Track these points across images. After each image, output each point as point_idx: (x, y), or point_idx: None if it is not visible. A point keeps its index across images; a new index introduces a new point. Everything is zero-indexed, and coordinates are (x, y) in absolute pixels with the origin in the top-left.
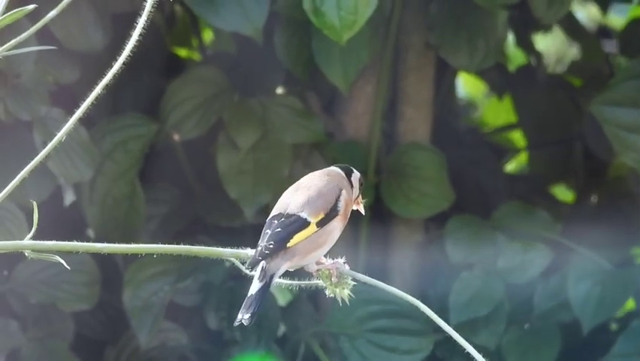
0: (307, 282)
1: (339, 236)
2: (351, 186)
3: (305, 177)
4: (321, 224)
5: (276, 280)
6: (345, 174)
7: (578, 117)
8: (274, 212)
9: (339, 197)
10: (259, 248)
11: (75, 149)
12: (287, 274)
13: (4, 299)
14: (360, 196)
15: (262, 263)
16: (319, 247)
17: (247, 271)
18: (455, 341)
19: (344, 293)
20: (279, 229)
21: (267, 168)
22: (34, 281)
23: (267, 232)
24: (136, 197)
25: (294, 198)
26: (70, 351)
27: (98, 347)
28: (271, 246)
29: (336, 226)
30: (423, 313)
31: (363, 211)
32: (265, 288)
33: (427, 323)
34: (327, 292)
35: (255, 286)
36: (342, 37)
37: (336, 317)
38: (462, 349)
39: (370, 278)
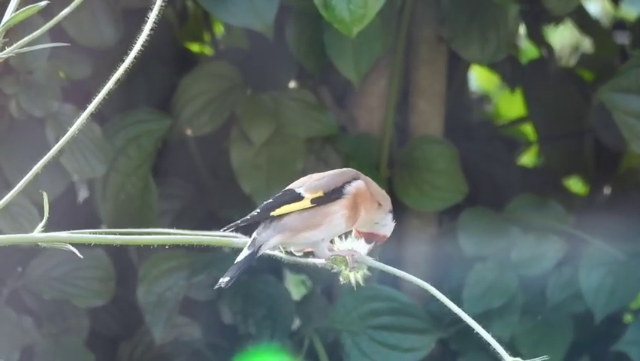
0: (318, 260)
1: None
2: (374, 200)
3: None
4: (316, 202)
5: (265, 250)
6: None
7: (590, 110)
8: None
9: (349, 182)
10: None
11: (88, 145)
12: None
13: (19, 296)
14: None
15: (254, 234)
16: (313, 227)
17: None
18: (469, 334)
19: (358, 276)
20: (271, 200)
21: (280, 162)
22: (49, 278)
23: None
24: (149, 192)
25: (299, 180)
26: (85, 347)
27: (113, 343)
28: (255, 212)
29: (337, 211)
30: (425, 312)
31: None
32: (251, 256)
33: (429, 322)
34: (340, 277)
35: (242, 254)
36: (352, 30)
37: (339, 312)
38: (476, 342)
39: (385, 265)
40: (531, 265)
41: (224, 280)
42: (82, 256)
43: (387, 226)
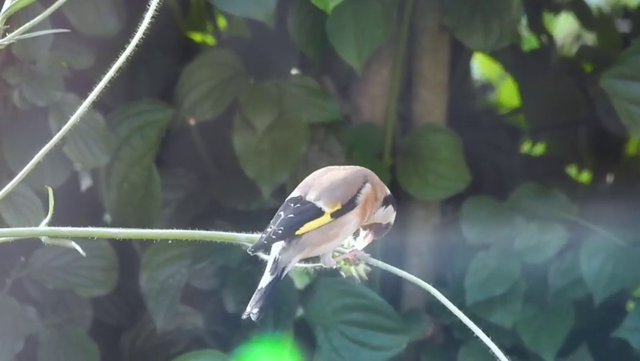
0: (320, 264)
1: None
2: (377, 199)
3: (338, 166)
4: (335, 215)
5: (288, 272)
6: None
7: (590, 99)
8: (294, 193)
9: (361, 189)
10: (267, 231)
11: (91, 135)
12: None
13: (22, 286)
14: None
15: (274, 254)
16: (330, 240)
17: (263, 256)
18: (472, 322)
19: (359, 269)
20: (292, 215)
21: (284, 147)
22: (52, 267)
23: (280, 214)
24: (153, 182)
25: (316, 183)
26: (88, 337)
27: (116, 333)
28: (280, 231)
29: (351, 220)
30: (395, 311)
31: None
32: (276, 282)
33: (400, 322)
34: (342, 272)
35: (265, 279)
36: (328, 5)
37: (315, 306)
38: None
39: (385, 264)
40: (534, 253)
41: (253, 312)
42: (85, 254)
43: (387, 215)
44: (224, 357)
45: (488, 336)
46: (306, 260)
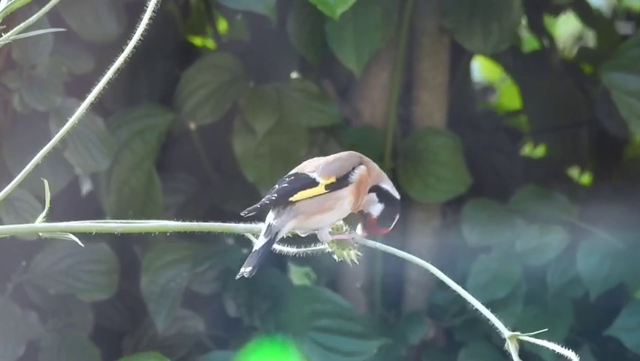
0: (313, 248)
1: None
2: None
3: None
4: (330, 188)
5: (282, 235)
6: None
7: (591, 101)
8: (291, 172)
9: (355, 168)
10: (262, 199)
11: (92, 139)
12: (294, 242)
13: (23, 290)
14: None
15: (269, 220)
16: (325, 211)
17: (259, 244)
18: (473, 324)
19: (351, 255)
20: (286, 185)
21: (283, 151)
22: (53, 272)
23: (275, 186)
24: (153, 186)
25: (311, 163)
26: (90, 341)
27: (117, 337)
28: (273, 197)
29: (346, 196)
30: (364, 316)
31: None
32: (269, 243)
33: (370, 327)
34: (334, 256)
35: (260, 242)
36: (335, 12)
37: (285, 312)
38: (480, 332)
39: (389, 247)
40: (535, 255)
41: (246, 270)
42: (82, 245)
43: (370, 203)
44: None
45: (490, 339)
46: (302, 245)
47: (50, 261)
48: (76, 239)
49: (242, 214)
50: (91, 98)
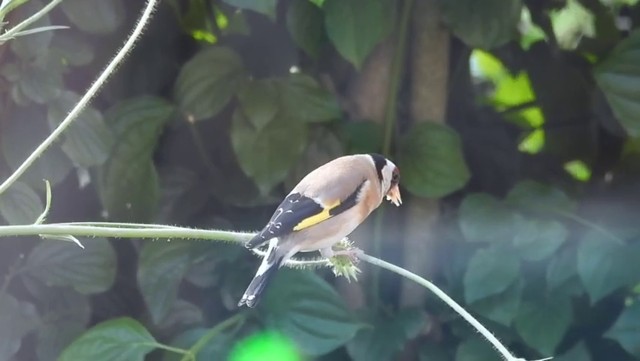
0: (314, 261)
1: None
2: (380, 177)
3: (333, 161)
4: (334, 212)
5: (285, 262)
6: (377, 165)
7: (592, 95)
8: (293, 191)
9: (360, 187)
10: (266, 227)
11: (89, 132)
12: (295, 254)
13: (21, 282)
14: (396, 187)
15: (272, 244)
16: (330, 235)
17: (261, 253)
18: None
19: (351, 270)
20: (290, 211)
21: (282, 145)
22: (50, 264)
23: (279, 210)
24: (150, 179)
25: (314, 181)
26: None
27: None
28: (278, 227)
29: (352, 216)
30: (343, 299)
31: (397, 203)
32: (273, 270)
33: (349, 311)
34: (334, 270)
35: (263, 268)
36: None
37: (269, 294)
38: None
39: (385, 262)
40: (533, 250)
41: (249, 299)
42: (83, 247)
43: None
44: (138, 326)
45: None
46: (301, 257)
47: (48, 253)
48: (76, 241)
49: (245, 246)
50: (91, 93)
